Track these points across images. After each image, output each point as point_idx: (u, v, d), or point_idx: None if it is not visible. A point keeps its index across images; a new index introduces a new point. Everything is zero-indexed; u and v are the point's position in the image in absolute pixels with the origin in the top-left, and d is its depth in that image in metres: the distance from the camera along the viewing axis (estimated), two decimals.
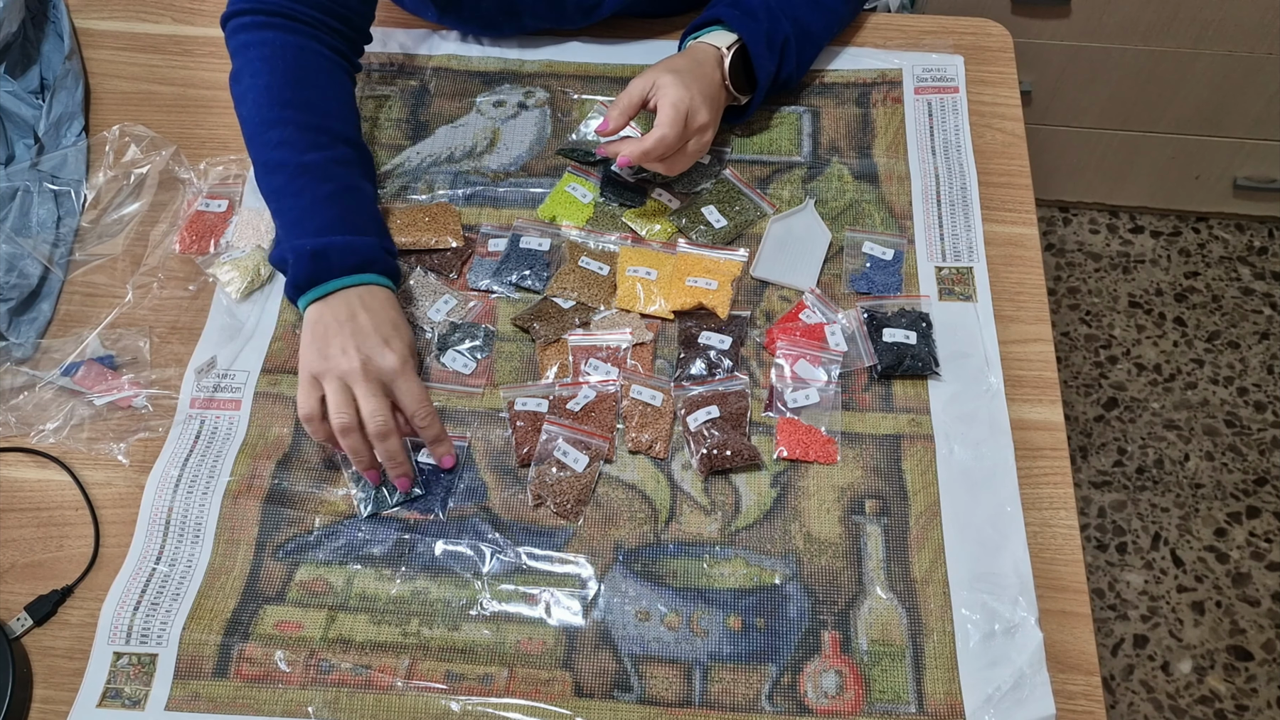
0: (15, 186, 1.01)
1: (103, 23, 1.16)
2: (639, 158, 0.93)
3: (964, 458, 0.87)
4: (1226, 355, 1.94)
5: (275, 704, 0.78)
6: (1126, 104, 1.84)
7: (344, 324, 0.85)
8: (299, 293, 0.88)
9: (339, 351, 0.84)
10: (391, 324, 0.87)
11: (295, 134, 0.91)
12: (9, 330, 0.94)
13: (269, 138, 0.91)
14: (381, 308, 0.88)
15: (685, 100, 0.92)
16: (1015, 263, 0.98)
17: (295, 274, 0.87)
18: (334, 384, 0.84)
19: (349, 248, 0.88)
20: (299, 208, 0.89)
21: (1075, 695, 0.78)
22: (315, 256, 0.87)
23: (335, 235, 0.88)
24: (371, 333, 0.85)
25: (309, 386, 0.85)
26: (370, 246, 0.89)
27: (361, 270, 0.88)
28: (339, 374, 0.84)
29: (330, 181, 0.91)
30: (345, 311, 0.86)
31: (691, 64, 0.96)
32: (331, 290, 0.87)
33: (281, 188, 0.90)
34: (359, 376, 0.84)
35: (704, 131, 0.95)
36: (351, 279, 0.88)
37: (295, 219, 0.89)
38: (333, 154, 0.92)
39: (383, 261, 0.90)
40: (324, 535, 0.85)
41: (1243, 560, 1.72)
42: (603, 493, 0.87)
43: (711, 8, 1.03)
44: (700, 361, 0.92)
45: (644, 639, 0.81)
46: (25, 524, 0.87)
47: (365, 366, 0.84)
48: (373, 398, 0.84)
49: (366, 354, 0.84)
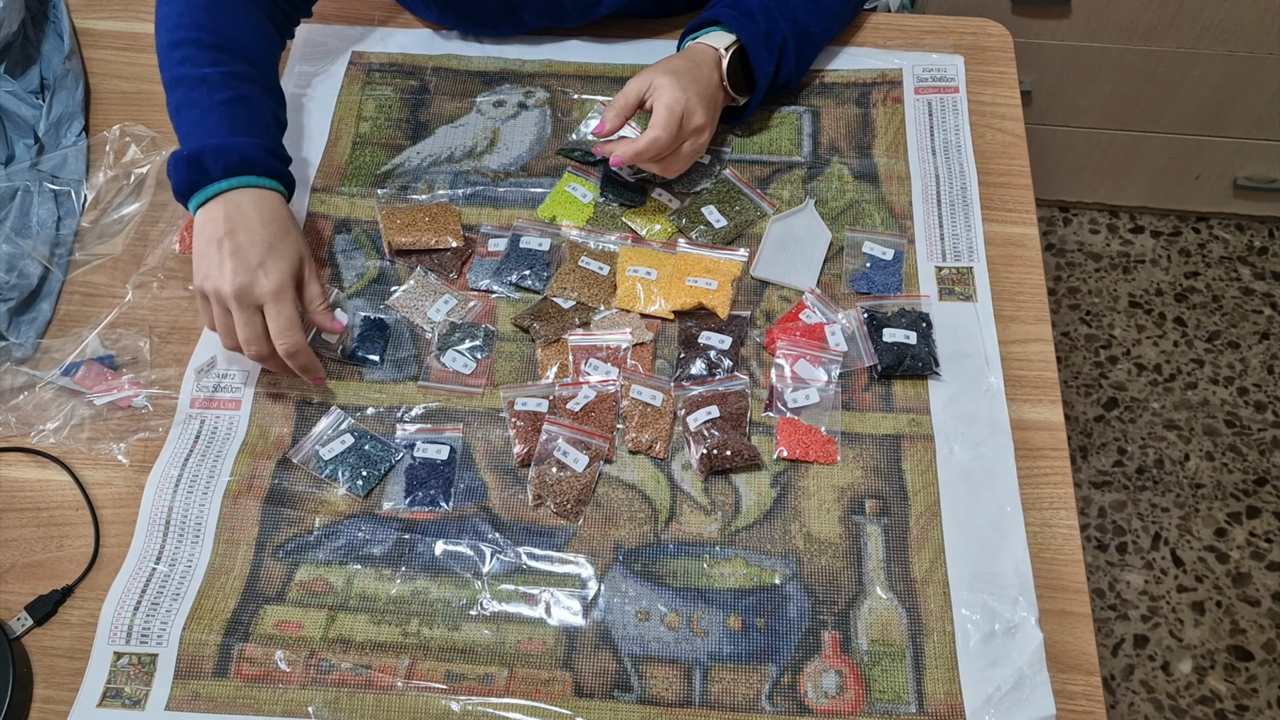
0: (15, 186, 1.01)
1: (103, 23, 1.16)
2: (632, 158, 0.93)
3: (964, 458, 0.87)
4: (1226, 355, 1.94)
5: (275, 704, 0.78)
6: (1126, 104, 1.84)
7: (223, 240, 0.84)
8: (184, 199, 0.88)
9: (216, 271, 0.84)
10: (270, 239, 0.85)
11: (196, 52, 0.91)
12: (9, 330, 0.94)
13: (173, 57, 0.92)
14: (262, 219, 0.86)
15: (681, 102, 0.92)
16: (1015, 263, 0.98)
17: (175, 180, 0.87)
18: (217, 306, 0.85)
19: (225, 149, 0.86)
20: (190, 119, 0.89)
21: (1075, 695, 0.78)
22: (191, 161, 0.86)
23: (212, 139, 0.87)
24: (247, 251, 0.84)
25: (200, 301, 0.86)
26: (247, 147, 0.87)
27: (241, 173, 0.86)
28: (218, 296, 0.84)
29: (223, 90, 0.90)
30: (224, 224, 0.85)
31: (689, 65, 0.96)
32: (212, 194, 0.86)
33: (180, 102, 0.91)
34: (233, 302, 0.84)
35: (700, 133, 0.95)
36: (231, 181, 0.86)
37: (188, 131, 0.89)
38: (230, 69, 0.91)
39: (264, 162, 0.88)
40: (324, 535, 0.85)
41: (1243, 560, 1.72)
42: (603, 493, 0.87)
43: (710, 9, 1.03)
44: (700, 361, 0.92)
45: (644, 639, 0.81)
46: (25, 524, 0.87)
47: (238, 292, 0.83)
48: (246, 326, 0.84)
49: (241, 279, 0.83)
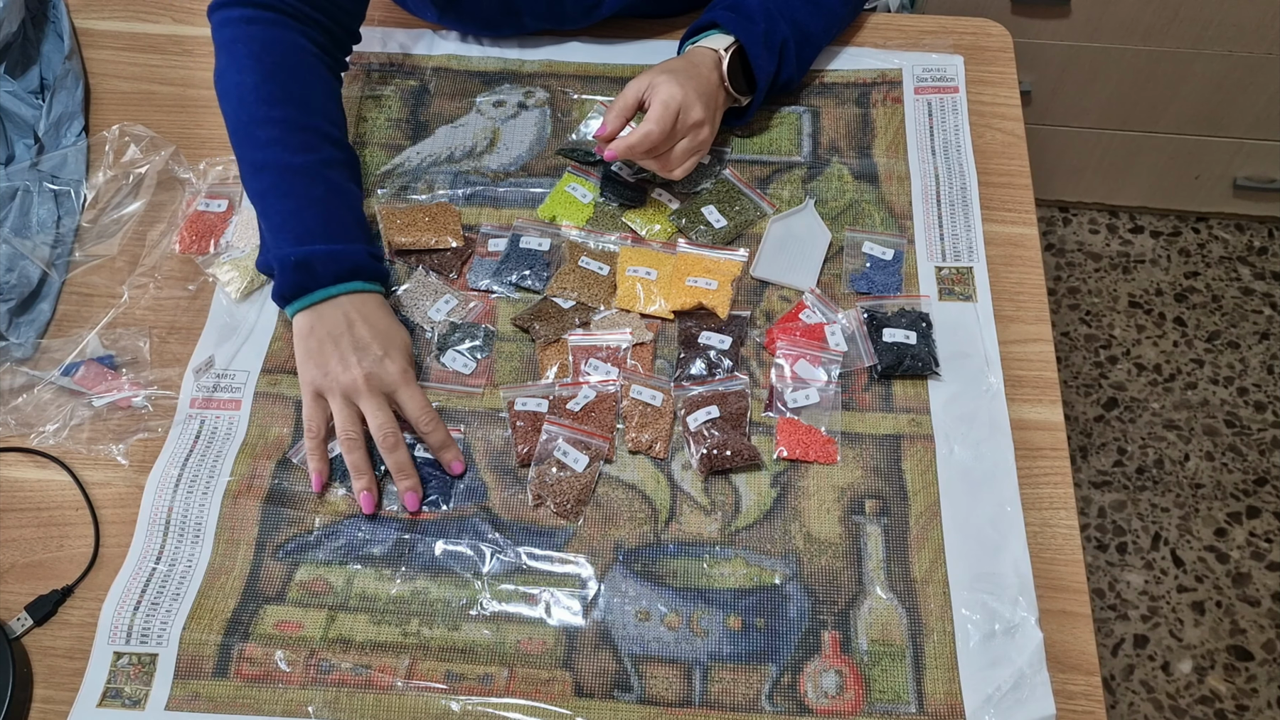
0: (15, 186, 1.01)
1: (103, 23, 1.16)
2: (625, 151, 0.93)
3: (964, 458, 0.87)
4: (1226, 355, 1.94)
5: (275, 704, 0.78)
6: (1126, 104, 1.84)
7: (340, 336, 0.85)
8: (286, 302, 0.88)
9: (339, 366, 0.84)
10: (386, 333, 0.87)
11: (283, 134, 0.90)
12: (9, 330, 0.94)
13: (257, 137, 0.90)
14: (375, 316, 0.88)
15: (677, 97, 0.92)
16: (1015, 263, 0.98)
17: (281, 284, 0.87)
18: (338, 400, 0.84)
19: (334, 256, 0.87)
20: (285, 211, 0.89)
21: (1075, 695, 0.78)
22: (299, 266, 0.86)
23: (320, 244, 0.87)
24: (370, 344, 0.85)
25: (314, 402, 0.85)
26: (357, 254, 0.89)
27: (349, 279, 0.88)
28: (342, 389, 0.84)
29: (318, 185, 0.90)
30: (341, 323, 0.86)
31: (687, 65, 0.96)
32: (320, 299, 0.87)
33: (268, 189, 0.90)
34: (364, 391, 0.84)
35: (698, 129, 0.95)
36: (339, 288, 0.87)
37: (281, 223, 0.88)
38: (320, 156, 0.91)
39: (370, 268, 0.90)
40: (324, 535, 0.85)
41: (1243, 560, 1.72)
42: (603, 493, 0.87)
43: (708, 11, 1.03)
44: (700, 361, 0.92)
45: (644, 639, 0.81)
46: (25, 524, 0.87)
47: (368, 380, 0.84)
48: (379, 411, 0.84)
49: (368, 368, 0.84)
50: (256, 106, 0.91)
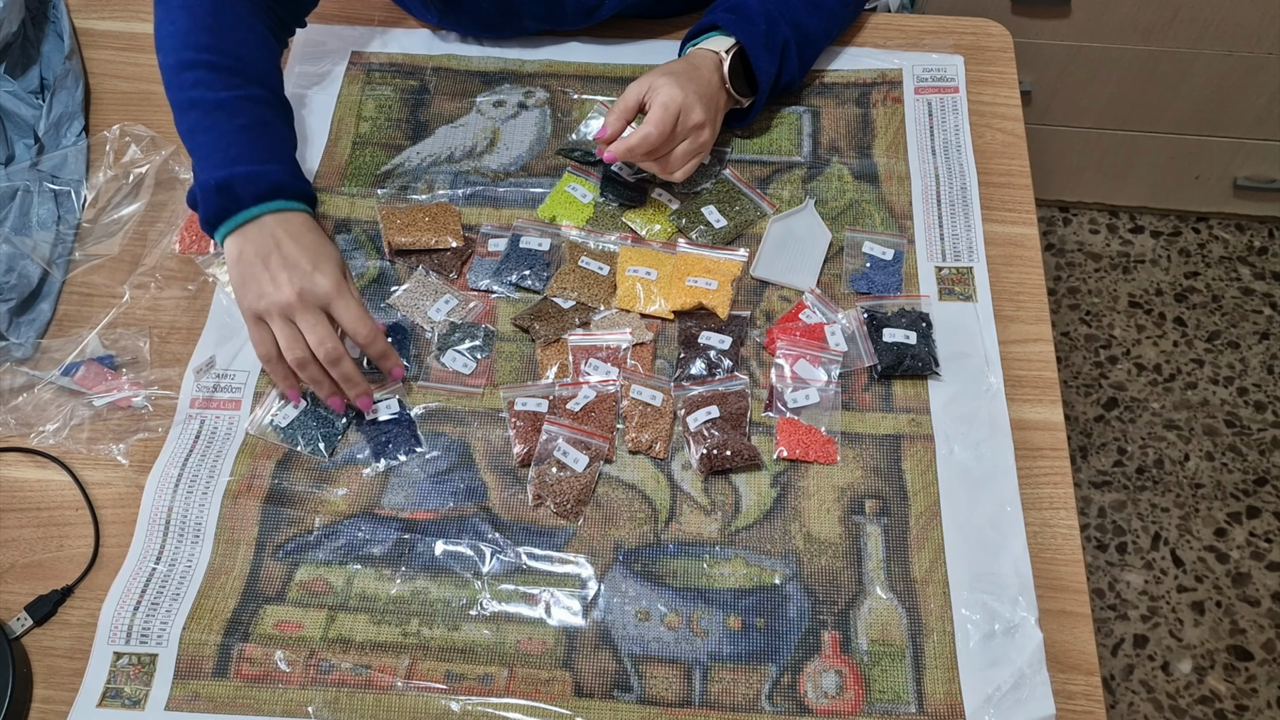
0: (15, 186, 1.01)
1: (103, 23, 1.16)
2: (624, 153, 0.93)
3: (964, 458, 0.87)
4: (1226, 355, 1.94)
5: (275, 704, 0.78)
6: (1126, 104, 1.84)
7: (268, 256, 0.86)
8: (212, 228, 0.88)
9: (271, 286, 0.85)
10: (314, 249, 0.87)
11: (209, 75, 0.91)
12: (9, 330, 0.94)
13: (184, 79, 0.91)
14: (301, 234, 0.88)
15: (677, 99, 0.92)
16: (1015, 263, 0.98)
17: (205, 210, 0.88)
18: (277, 321, 0.85)
19: (254, 176, 0.87)
20: (208, 143, 0.89)
21: (1075, 695, 0.78)
22: (220, 189, 0.87)
23: (241, 166, 0.87)
24: (298, 260, 0.85)
25: (256, 326, 0.86)
26: (277, 173, 0.89)
27: (270, 197, 0.88)
28: (278, 309, 0.85)
29: (240, 116, 0.90)
30: (267, 243, 0.86)
31: (688, 67, 0.96)
32: (244, 221, 0.87)
33: (194, 125, 0.90)
34: (298, 307, 0.84)
35: (699, 131, 0.95)
36: (262, 207, 0.87)
37: (205, 154, 0.89)
38: (245, 93, 0.92)
39: (292, 187, 0.90)
40: (324, 535, 0.85)
41: (1243, 560, 1.72)
42: (603, 493, 0.87)
43: (709, 13, 1.03)
44: (700, 361, 0.92)
45: (644, 639, 0.81)
46: (25, 524, 0.87)
47: (301, 296, 0.84)
48: (317, 326, 0.85)
49: (299, 284, 0.84)
50: (185, 51, 0.92)
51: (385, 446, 0.89)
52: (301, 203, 0.91)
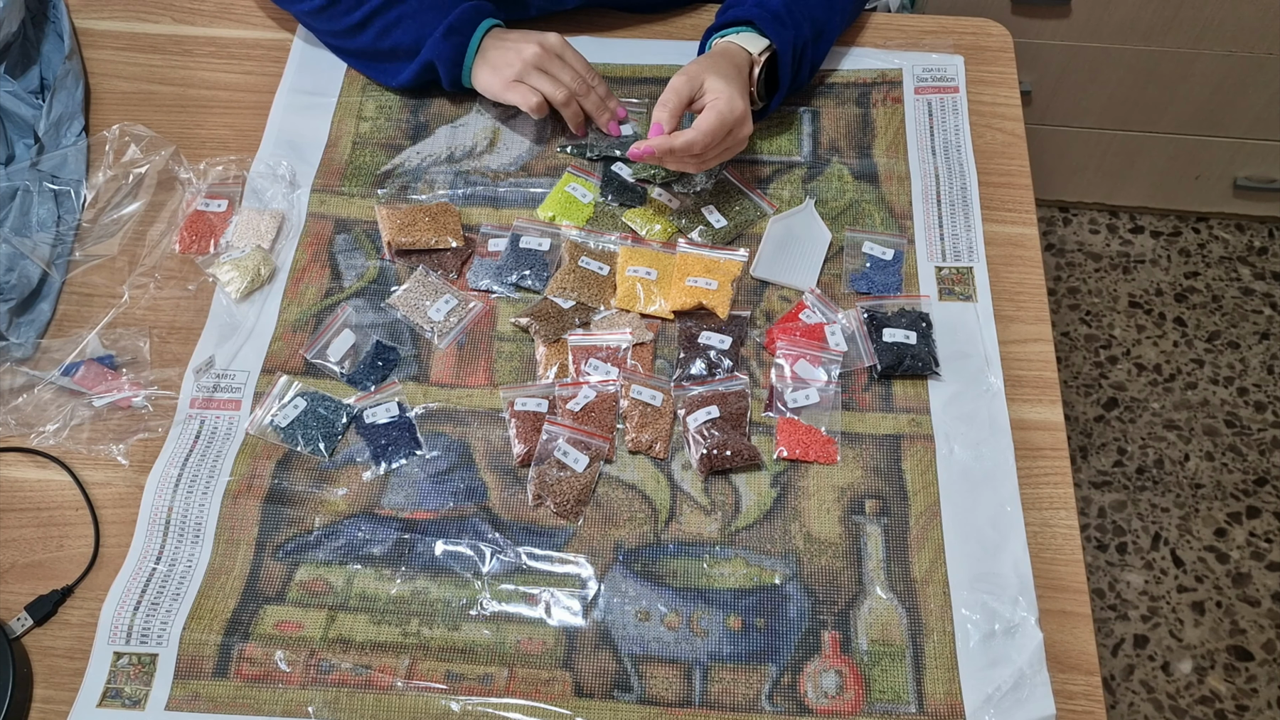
0: (15, 186, 1.01)
1: (103, 23, 1.16)
2: (663, 153, 0.92)
3: (964, 458, 0.87)
4: (1226, 355, 1.94)
5: (275, 704, 0.78)
6: (1126, 104, 1.84)
7: (503, 41, 1.02)
8: (457, 70, 1.03)
9: (516, 53, 1.00)
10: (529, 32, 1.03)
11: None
12: (9, 330, 0.94)
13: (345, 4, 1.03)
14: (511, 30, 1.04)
15: (736, 112, 0.92)
16: (1015, 263, 0.98)
17: (444, 61, 1.02)
18: (534, 72, 1.00)
19: (462, 14, 1.01)
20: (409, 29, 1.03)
21: (1075, 695, 0.78)
22: (448, 34, 1.01)
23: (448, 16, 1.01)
24: (527, 34, 1.02)
25: (516, 90, 1.00)
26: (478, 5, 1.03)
27: (482, 19, 1.03)
28: (533, 62, 1.00)
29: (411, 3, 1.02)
30: (496, 41, 1.02)
31: (732, 68, 0.95)
32: (476, 47, 1.02)
33: (383, 29, 1.04)
34: (545, 56, 1.00)
35: (743, 141, 0.96)
36: (480, 29, 1.02)
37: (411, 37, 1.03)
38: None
39: (491, 8, 1.04)
40: (324, 535, 0.85)
41: (1243, 560, 1.72)
42: (603, 493, 0.87)
43: (737, 7, 1.01)
44: (700, 361, 0.92)
45: (644, 639, 0.81)
46: (25, 524, 0.87)
47: (543, 47, 1.01)
48: (568, 67, 1.02)
49: (538, 40, 1.01)
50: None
51: (385, 450, 0.89)
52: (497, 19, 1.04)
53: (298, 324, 0.95)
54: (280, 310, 0.96)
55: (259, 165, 1.05)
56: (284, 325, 0.95)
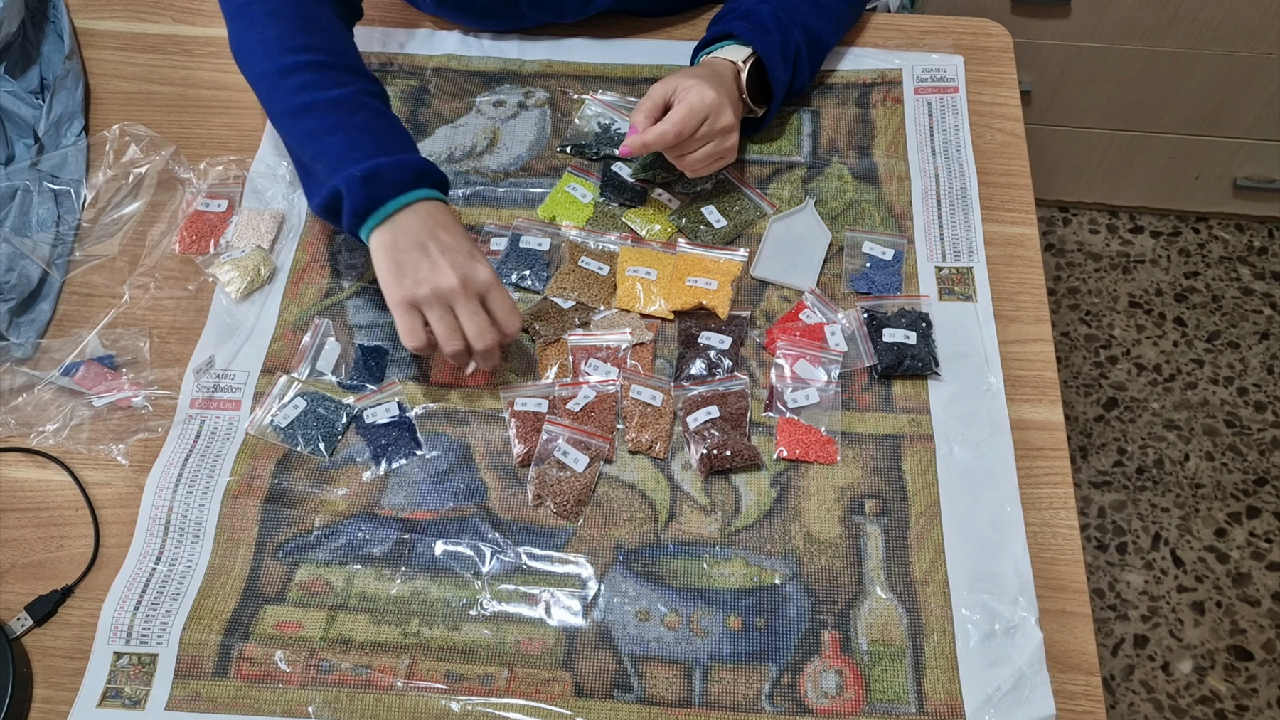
0: (15, 186, 1.01)
1: (103, 23, 1.16)
2: (639, 149, 0.93)
3: (964, 458, 0.87)
4: (1226, 355, 1.94)
5: (275, 704, 0.78)
6: (1126, 104, 1.84)
7: (425, 243, 0.84)
8: (360, 221, 0.85)
9: (431, 272, 0.83)
10: (466, 236, 0.86)
11: (316, 76, 0.89)
12: (9, 330, 0.94)
13: (289, 84, 0.89)
14: (451, 222, 0.87)
15: (707, 101, 0.92)
16: (1015, 263, 0.98)
17: (353, 204, 0.84)
18: (437, 307, 0.83)
19: (400, 165, 0.86)
20: (339, 142, 0.87)
21: (1075, 695, 0.78)
22: (368, 180, 0.84)
23: (382, 157, 0.85)
24: (457, 248, 0.84)
25: (408, 314, 0.83)
26: (421, 161, 0.88)
27: (418, 184, 0.86)
28: (440, 295, 0.83)
29: (361, 111, 0.89)
30: (422, 230, 0.84)
31: (712, 73, 0.96)
32: (395, 209, 0.85)
33: (315, 128, 0.88)
34: (460, 295, 0.83)
35: (727, 134, 0.95)
36: (411, 195, 0.85)
37: (338, 153, 0.86)
38: (357, 87, 0.90)
39: (435, 173, 0.88)
40: (324, 535, 0.85)
41: (1243, 560, 1.72)
42: (603, 493, 0.87)
43: (721, 22, 1.02)
44: (700, 361, 0.92)
45: (644, 639, 0.81)
46: (25, 524, 0.87)
47: (464, 284, 0.83)
48: (477, 316, 0.84)
49: (462, 270, 0.83)
50: (283, 56, 0.89)
51: (385, 450, 0.89)
52: (442, 190, 0.89)
53: (298, 324, 0.95)
54: (280, 310, 0.96)
55: (259, 165, 1.05)
56: (284, 325, 0.95)
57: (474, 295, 0.84)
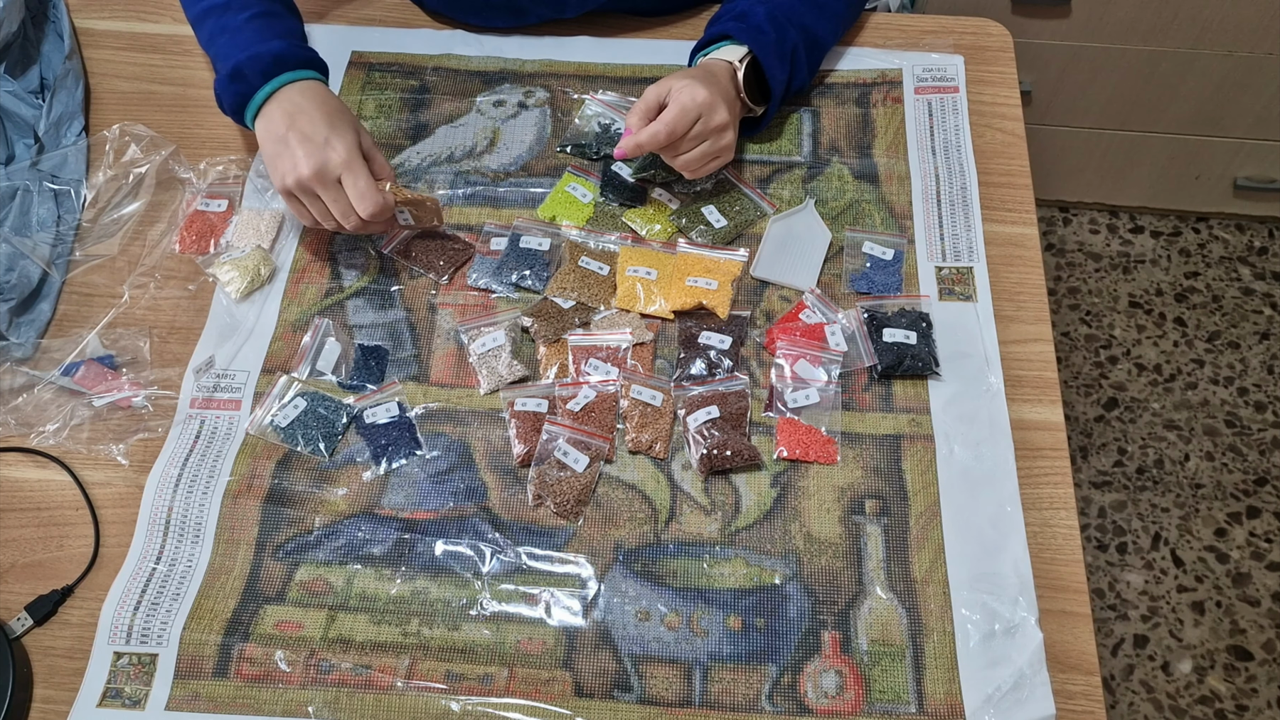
0: (15, 186, 1.01)
1: (103, 23, 1.16)
2: (632, 150, 0.93)
3: (964, 458, 0.87)
4: (1226, 355, 1.94)
5: (275, 704, 0.78)
6: (1126, 104, 1.84)
7: (286, 135, 0.88)
8: (239, 117, 0.93)
9: (290, 165, 0.88)
10: (330, 116, 0.90)
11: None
12: (9, 330, 0.94)
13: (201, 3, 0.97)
14: (314, 104, 0.90)
15: (698, 100, 0.92)
16: (1015, 263, 0.98)
17: (226, 102, 0.92)
18: (304, 195, 0.89)
19: (258, 55, 0.91)
20: (223, 44, 0.94)
21: (1075, 695, 0.78)
22: (234, 76, 0.91)
23: (245, 50, 0.91)
24: (313, 133, 0.88)
25: (289, 200, 0.90)
26: (279, 47, 0.92)
27: (276, 72, 0.91)
28: (302, 185, 0.88)
29: (247, 10, 0.95)
30: (283, 121, 0.89)
31: (706, 74, 0.96)
32: (263, 100, 0.91)
33: (210, 32, 0.96)
34: (317, 183, 0.88)
35: (721, 133, 0.95)
36: (272, 83, 0.91)
37: (223, 54, 0.94)
38: None
39: (296, 56, 0.93)
40: (324, 535, 0.85)
41: (1243, 560, 1.72)
42: (603, 493, 0.87)
43: (716, 24, 1.02)
44: (700, 361, 0.92)
45: (644, 639, 0.81)
46: (25, 524, 0.87)
47: (317, 173, 0.87)
48: (336, 201, 0.89)
49: (315, 160, 0.87)
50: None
51: (385, 450, 0.89)
52: (310, 70, 0.93)
53: (298, 324, 0.95)
54: (280, 310, 0.96)
55: (259, 165, 1.05)
56: (284, 325, 0.95)
57: (331, 182, 0.88)
